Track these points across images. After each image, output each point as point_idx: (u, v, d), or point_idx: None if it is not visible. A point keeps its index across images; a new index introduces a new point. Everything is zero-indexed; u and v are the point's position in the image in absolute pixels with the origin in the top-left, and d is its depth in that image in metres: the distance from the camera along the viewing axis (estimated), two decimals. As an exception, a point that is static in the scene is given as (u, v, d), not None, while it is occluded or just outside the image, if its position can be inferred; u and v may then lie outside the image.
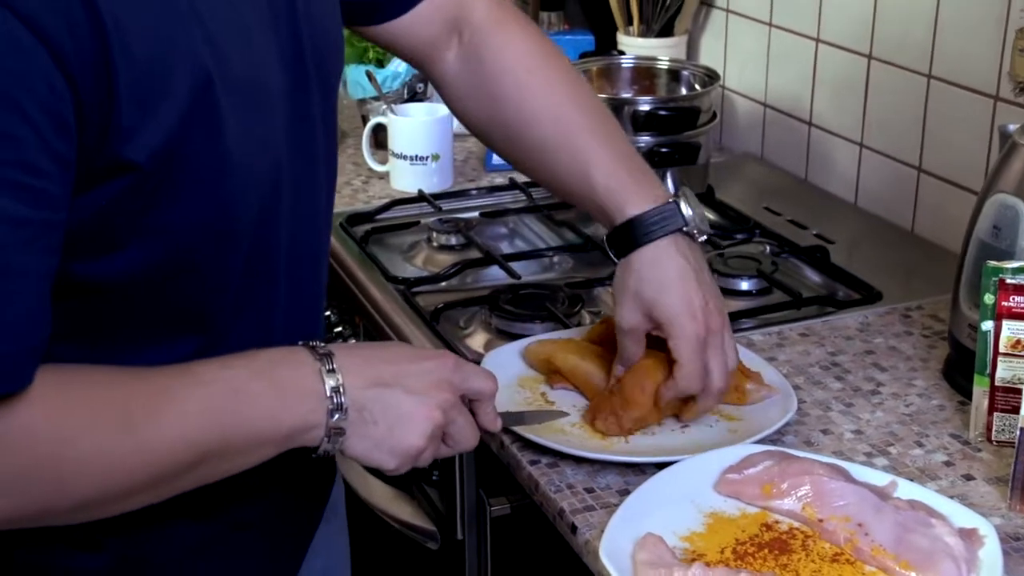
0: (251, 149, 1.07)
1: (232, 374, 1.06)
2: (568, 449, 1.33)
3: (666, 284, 1.33)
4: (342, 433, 1.11)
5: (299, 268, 1.21)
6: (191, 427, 1.02)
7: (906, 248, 1.97)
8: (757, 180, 2.27)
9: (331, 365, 1.10)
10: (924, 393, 1.50)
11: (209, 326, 1.12)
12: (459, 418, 1.18)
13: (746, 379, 1.44)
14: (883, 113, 2.05)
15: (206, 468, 1.05)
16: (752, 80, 2.35)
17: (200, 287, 1.09)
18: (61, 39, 0.90)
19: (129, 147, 0.96)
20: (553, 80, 1.43)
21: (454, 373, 1.17)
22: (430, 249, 1.96)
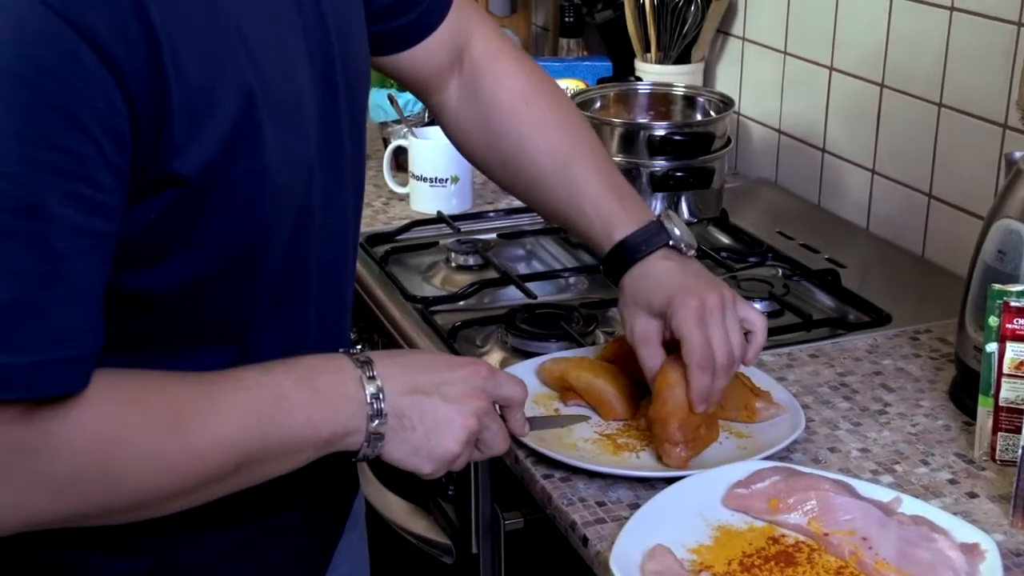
0: (287, 165, 1.10)
1: (274, 380, 1.09)
2: (581, 463, 1.36)
3: (661, 281, 1.37)
4: (381, 438, 1.14)
5: (329, 283, 1.24)
6: (234, 431, 1.06)
7: (916, 272, 1.99)
8: (771, 205, 2.29)
9: (371, 372, 1.14)
10: (931, 413, 1.52)
11: (242, 338, 1.15)
12: (492, 424, 1.22)
13: (756, 397, 1.46)
14: (895, 140, 2.08)
15: (248, 471, 1.08)
16: (767, 107, 2.38)
17: (235, 299, 1.12)
18: (119, 54, 0.94)
19: (179, 161, 1.00)
20: (546, 112, 1.48)
21: (487, 381, 1.21)
22: (448, 269, 1.99)
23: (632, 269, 1.39)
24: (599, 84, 2.24)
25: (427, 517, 1.78)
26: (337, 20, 1.20)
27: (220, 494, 1.09)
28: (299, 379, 1.11)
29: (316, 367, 1.13)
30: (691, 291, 1.35)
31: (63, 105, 0.92)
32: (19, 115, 0.91)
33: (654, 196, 1.99)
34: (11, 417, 0.95)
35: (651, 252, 1.39)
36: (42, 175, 0.92)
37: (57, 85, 0.91)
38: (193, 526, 1.15)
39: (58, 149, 0.92)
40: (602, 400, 1.46)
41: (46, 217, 0.92)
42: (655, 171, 1.97)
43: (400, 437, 1.15)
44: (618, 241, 1.40)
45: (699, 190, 2.01)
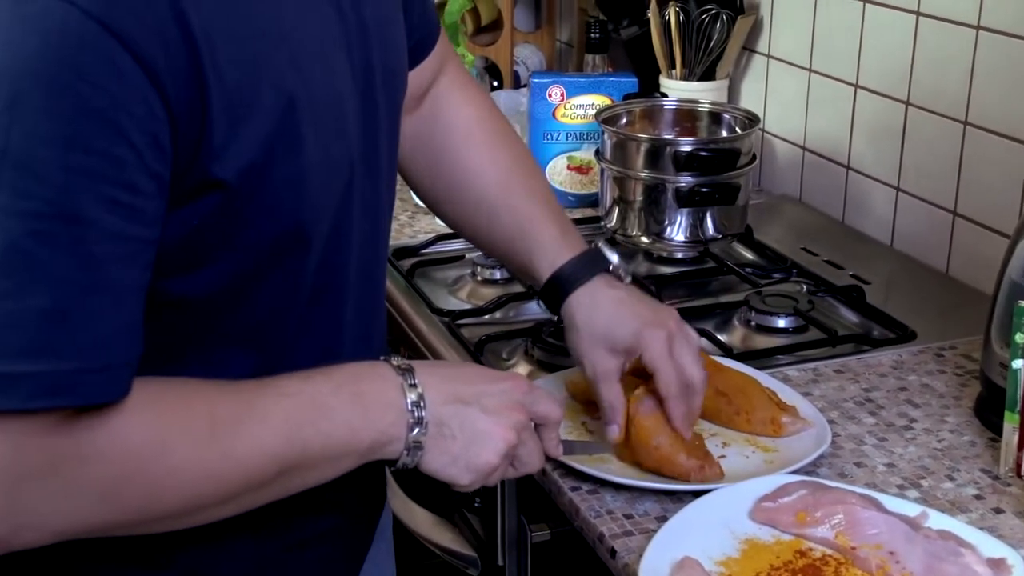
0: (327, 168, 1.11)
1: (314, 387, 1.10)
2: (608, 476, 1.37)
3: (611, 313, 1.38)
4: (421, 447, 1.14)
5: (365, 286, 1.25)
6: (274, 439, 1.06)
7: (941, 290, 2.00)
8: (795, 221, 2.30)
9: (412, 380, 1.14)
10: (956, 429, 1.53)
11: (278, 342, 1.16)
12: (529, 440, 1.22)
13: (782, 412, 1.47)
14: (920, 158, 2.08)
15: (289, 479, 1.08)
16: (791, 124, 2.39)
17: (272, 301, 1.13)
18: (157, 59, 0.94)
19: (218, 165, 1.00)
20: (497, 141, 1.50)
21: (526, 395, 1.21)
22: (474, 283, 2.00)
23: (574, 296, 1.39)
24: (625, 100, 2.24)
25: (452, 529, 1.79)
26: (378, 23, 1.21)
27: (261, 502, 1.09)
28: (340, 385, 1.11)
29: (357, 374, 1.13)
30: (654, 324, 1.36)
31: (101, 110, 0.92)
32: (57, 121, 0.92)
33: (679, 212, 2.00)
34: (52, 424, 0.96)
35: (592, 278, 1.40)
36: (81, 181, 0.92)
37: (95, 91, 0.92)
38: (226, 537, 1.16)
39: (97, 154, 0.93)
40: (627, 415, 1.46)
41: (86, 223, 0.93)
42: (681, 187, 1.98)
43: (440, 446, 1.15)
44: (558, 267, 1.41)
45: (724, 206, 2.01)
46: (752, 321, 1.83)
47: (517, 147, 1.53)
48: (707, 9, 2.37)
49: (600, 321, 1.38)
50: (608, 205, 2.08)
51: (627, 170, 2.03)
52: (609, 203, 2.08)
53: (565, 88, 2.29)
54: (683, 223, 2.01)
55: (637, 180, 2.02)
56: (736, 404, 1.48)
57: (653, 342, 1.35)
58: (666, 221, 2.01)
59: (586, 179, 2.32)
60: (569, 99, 2.29)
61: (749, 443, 1.46)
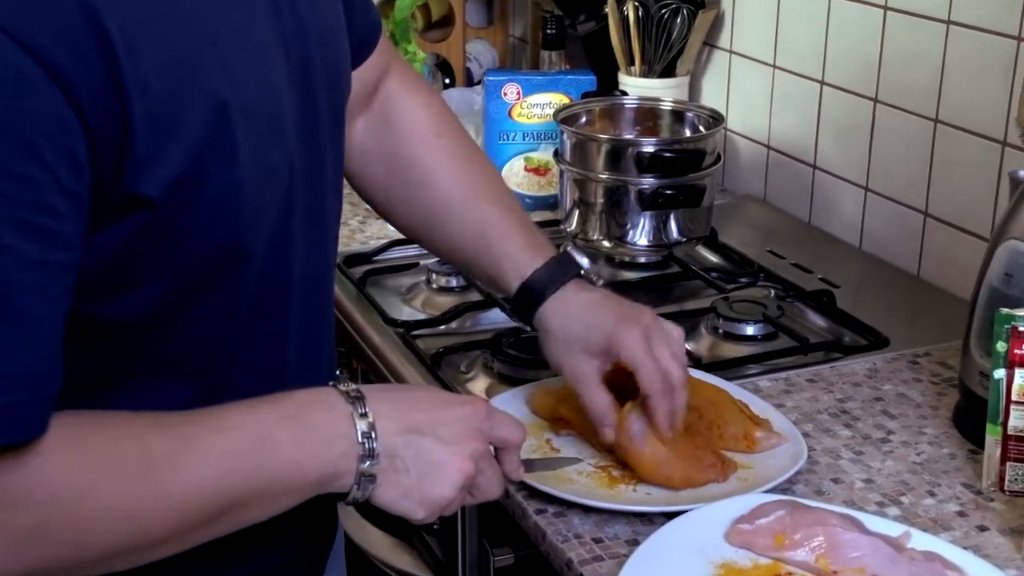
0: (264, 178, 1.06)
1: (257, 419, 1.05)
2: (576, 498, 1.33)
3: (586, 315, 1.36)
4: (372, 480, 1.10)
5: (310, 299, 1.20)
6: (214, 475, 1.01)
7: (912, 293, 1.97)
8: (760, 223, 2.27)
9: (363, 408, 1.09)
10: (935, 441, 1.50)
11: (216, 365, 1.11)
12: (488, 469, 1.18)
13: (755, 426, 1.44)
14: (889, 157, 2.06)
15: (230, 518, 1.04)
16: (755, 122, 2.36)
17: (209, 321, 1.08)
18: (70, 69, 0.89)
19: (144, 180, 0.95)
20: (456, 146, 1.48)
21: (485, 421, 1.17)
22: (429, 291, 1.96)
23: (547, 304, 1.38)
24: (583, 99, 2.21)
25: (411, 552, 1.75)
26: (317, 21, 1.17)
27: (199, 542, 1.05)
28: (285, 417, 1.07)
29: (303, 403, 1.09)
30: (628, 320, 1.35)
31: (10, 128, 0.87)
32: None
33: (642, 215, 1.96)
34: None
35: (563, 284, 1.38)
36: None
37: (1, 107, 0.87)
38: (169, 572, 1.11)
39: (6, 176, 0.87)
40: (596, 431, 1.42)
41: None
42: (643, 189, 1.95)
43: (392, 479, 1.11)
44: (530, 274, 1.39)
45: (689, 208, 1.98)
46: (720, 328, 1.80)
47: (474, 150, 1.51)
48: (667, 3, 2.34)
49: (574, 326, 1.36)
50: (568, 208, 2.04)
51: (588, 172, 1.99)
52: (569, 206, 2.04)
53: (521, 86, 2.25)
54: (646, 226, 1.98)
55: (598, 182, 1.98)
56: (707, 418, 1.44)
57: (628, 340, 1.33)
58: (628, 224, 1.98)
59: (544, 181, 2.28)
60: (525, 98, 2.25)
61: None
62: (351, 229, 2.22)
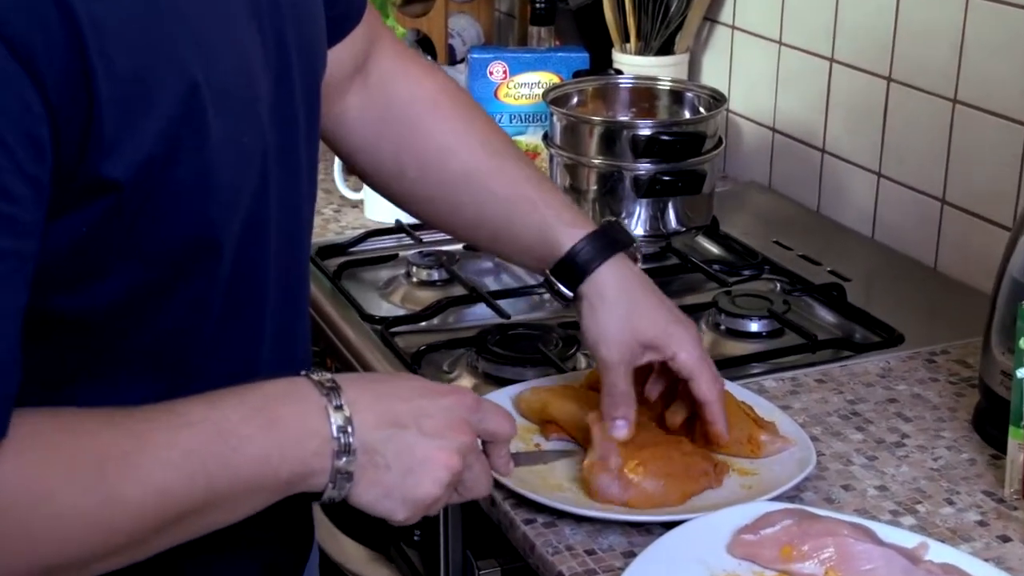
0: (237, 160, 1.06)
1: (221, 414, 1.04)
2: (567, 507, 1.33)
3: (639, 299, 1.38)
4: (349, 478, 1.08)
5: (285, 292, 1.20)
6: (174, 476, 1.00)
7: (928, 286, 1.98)
8: (765, 212, 2.28)
9: (338, 400, 1.08)
10: (953, 445, 1.50)
11: (187, 361, 1.11)
12: (476, 464, 1.17)
13: (760, 429, 1.44)
14: (903, 140, 2.07)
15: (193, 521, 1.03)
16: (760, 103, 2.37)
17: (180, 315, 1.08)
18: (32, 45, 0.89)
19: (110, 164, 0.95)
20: (470, 113, 1.48)
21: (472, 412, 1.16)
22: (409, 285, 1.96)
23: (599, 274, 1.38)
24: (575, 78, 2.21)
25: (388, 565, 1.76)
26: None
27: (168, 546, 1.04)
28: (251, 411, 1.05)
29: (272, 395, 1.08)
30: (683, 323, 1.39)
31: None
32: None
33: (638, 202, 1.97)
34: None
35: (613, 255, 1.39)
36: None
37: None
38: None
39: None
40: (588, 434, 1.42)
41: None
42: (639, 175, 1.95)
43: (371, 477, 1.10)
44: (578, 241, 1.39)
45: (688, 195, 1.98)
46: (722, 325, 1.80)
47: (486, 118, 1.51)
48: (665, -25, 2.35)
49: (625, 306, 1.38)
50: (558, 195, 2.04)
51: (579, 156, 2.00)
52: (559, 193, 2.04)
53: (508, 65, 2.26)
54: (642, 215, 1.99)
55: (590, 167, 1.99)
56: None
57: (686, 343, 1.37)
58: (623, 213, 1.98)
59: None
60: (513, 77, 2.26)
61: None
62: (325, 218, 2.22)
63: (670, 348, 1.37)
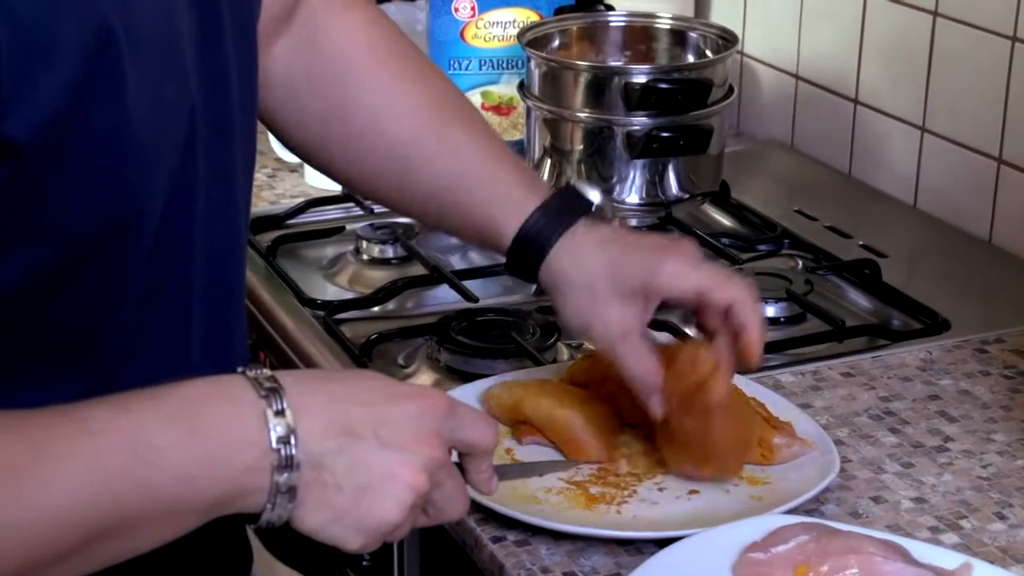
0: (159, 115, 1.08)
1: (132, 419, 1.04)
2: (544, 522, 1.36)
3: (611, 252, 1.40)
4: (292, 497, 1.07)
5: (217, 274, 1.22)
6: (75, 496, 1.00)
7: (982, 263, 2.02)
8: (786, 175, 2.31)
9: (280, 404, 1.07)
10: (1006, 450, 1.53)
11: (103, 355, 1.13)
12: (447, 482, 1.15)
13: (773, 431, 1.47)
14: (952, 88, 2.09)
15: (101, 549, 1.03)
16: (780, 45, 2.40)
17: (94, 300, 1.10)
18: None
19: (10, 122, 0.97)
20: (413, 69, 1.51)
21: (445, 420, 1.14)
22: (359, 264, 2.00)
23: (557, 249, 1.41)
24: (557, 15, 2.23)
25: (333, 597, 1.78)
26: None
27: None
28: (170, 417, 1.05)
29: (196, 399, 1.07)
30: (667, 250, 1.40)
31: None
32: None
33: (632, 164, 2.00)
34: None
35: (571, 225, 1.41)
36: None
37: None
38: None
39: None
40: (569, 437, 1.45)
41: None
42: (634, 130, 1.98)
43: (318, 497, 1.09)
44: (529, 215, 1.42)
45: (692, 156, 2.01)
46: (732, 309, 1.83)
47: (435, 74, 1.53)
48: None
49: (597, 268, 1.40)
50: (537, 156, 2.08)
51: (562, 109, 2.03)
52: (539, 153, 2.07)
53: (477, 0, 2.28)
54: (637, 179, 2.02)
55: (575, 122, 2.02)
56: (712, 420, 1.47)
57: (681, 273, 1.38)
58: (615, 177, 2.01)
59: (507, 122, 2.32)
60: (482, 14, 2.28)
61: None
62: (257, 184, 2.23)
63: (659, 287, 1.38)
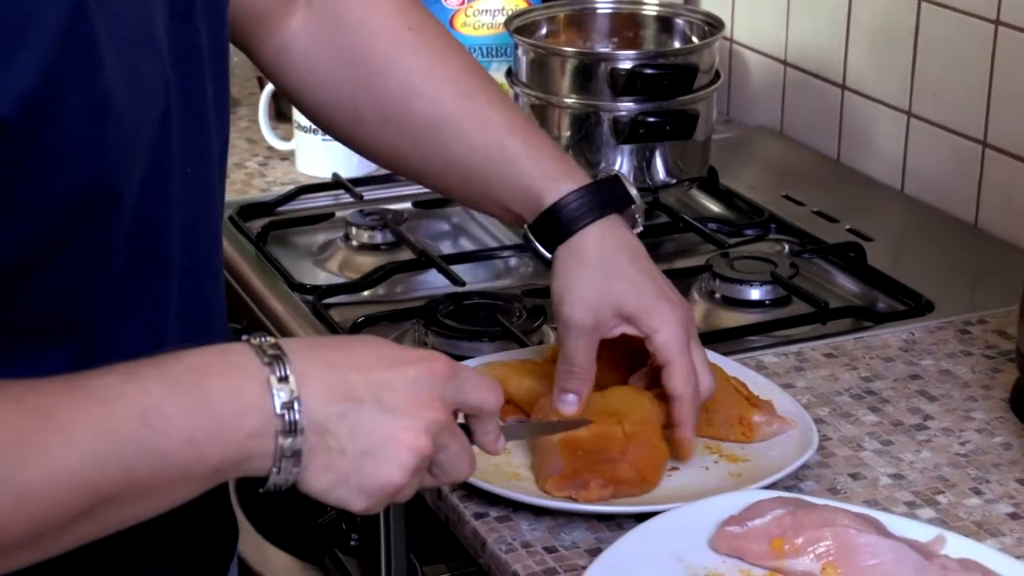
0: (135, 93, 1.10)
1: (140, 387, 1.05)
2: (524, 497, 1.38)
3: (628, 267, 1.42)
4: (297, 461, 1.09)
5: (194, 250, 1.24)
6: (82, 461, 1.02)
7: (967, 246, 2.03)
8: (775, 161, 2.33)
9: (283, 371, 1.08)
10: (985, 428, 1.55)
11: (84, 331, 1.15)
12: (452, 443, 1.17)
13: (753, 408, 1.48)
14: (938, 72, 2.11)
15: (107, 514, 1.05)
16: (768, 31, 2.41)
17: (74, 277, 1.12)
18: None
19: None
20: (439, 42, 1.52)
21: (447, 383, 1.16)
22: (348, 249, 2.01)
23: (586, 232, 1.42)
24: (545, 2, 2.26)
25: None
26: None
27: (75, 544, 1.07)
28: (176, 384, 1.07)
29: (202, 367, 1.09)
30: (674, 304, 1.41)
31: None
32: None
33: (619, 149, 2.01)
34: None
35: (606, 215, 1.43)
36: None
37: None
38: None
39: None
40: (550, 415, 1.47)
41: None
42: (620, 116, 1.99)
43: (323, 461, 1.11)
44: (566, 194, 1.43)
45: (678, 141, 2.02)
46: (716, 292, 1.86)
47: (460, 49, 1.54)
48: None
49: (605, 268, 1.42)
50: (525, 142, 2.08)
51: (548, 95, 2.04)
52: (527, 140, 2.08)
53: (466, -12, 2.30)
54: (625, 165, 2.03)
55: (562, 108, 2.03)
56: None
57: (670, 326, 1.39)
58: (602, 162, 2.03)
59: (497, 109, 2.31)
60: (471, 2, 2.31)
61: (710, 451, 1.48)
62: (248, 172, 2.27)
63: (651, 323, 1.39)
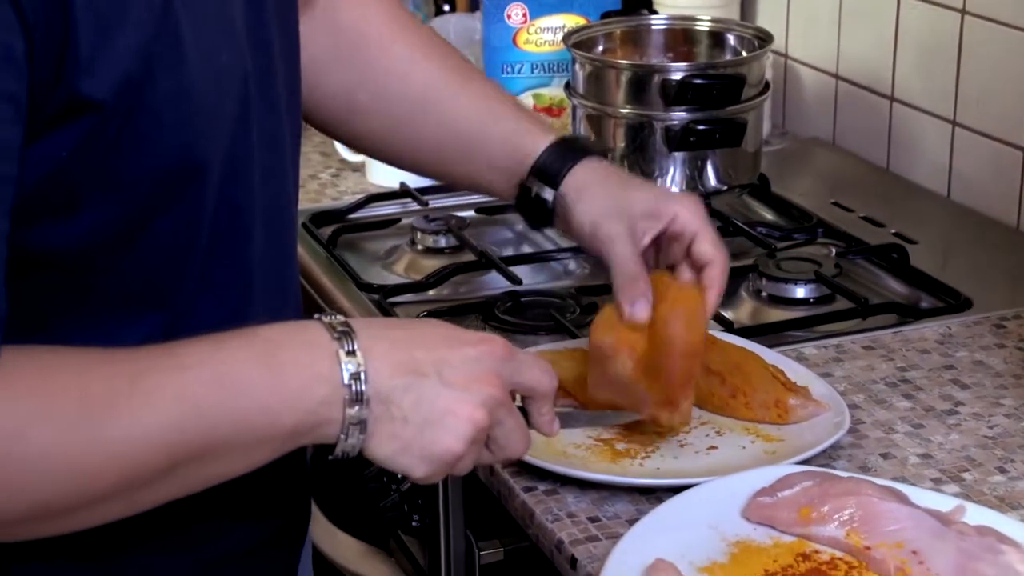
0: (216, 82, 1.18)
1: (222, 356, 1.14)
2: (571, 471, 1.46)
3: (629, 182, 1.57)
4: (363, 429, 1.18)
5: (272, 230, 1.32)
6: (166, 421, 1.10)
7: (1009, 250, 2.09)
8: (826, 170, 2.40)
9: (351, 346, 1.17)
10: (1013, 413, 1.61)
11: (173, 299, 1.23)
12: (507, 419, 1.24)
13: (789, 392, 1.56)
14: (982, 83, 2.16)
15: (187, 472, 1.13)
16: (821, 46, 2.47)
17: (165, 250, 1.20)
18: None
19: (89, 81, 1.07)
20: (427, 36, 1.66)
21: (504, 363, 1.24)
22: (414, 253, 2.10)
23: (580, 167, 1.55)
24: (603, 20, 2.31)
25: (387, 560, 1.88)
26: None
27: (154, 502, 1.14)
28: (255, 354, 1.15)
29: (278, 341, 1.17)
30: (676, 193, 1.61)
31: None
32: None
33: (672, 157, 2.06)
34: None
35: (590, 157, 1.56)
36: None
37: None
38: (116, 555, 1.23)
39: None
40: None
41: None
42: (672, 125, 2.04)
43: (387, 430, 1.19)
44: (552, 143, 1.56)
45: (728, 148, 2.07)
46: (763, 291, 1.93)
47: (443, 42, 1.67)
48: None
49: (613, 187, 1.54)
50: (583, 152, 2.15)
51: (604, 106, 2.10)
52: (584, 149, 2.14)
53: (528, 7, 2.36)
54: (677, 172, 2.08)
55: (617, 118, 2.09)
56: (731, 385, 1.57)
57: (687, 207, 1.52)
58: (656, 170, 2.08)
59: (558, 123, 2.38)
60: (534, 21, 2.37)
61: (747, 431, 1.55)
62: (321, 183, 2.36)
63: (671, 209, 1.50)
